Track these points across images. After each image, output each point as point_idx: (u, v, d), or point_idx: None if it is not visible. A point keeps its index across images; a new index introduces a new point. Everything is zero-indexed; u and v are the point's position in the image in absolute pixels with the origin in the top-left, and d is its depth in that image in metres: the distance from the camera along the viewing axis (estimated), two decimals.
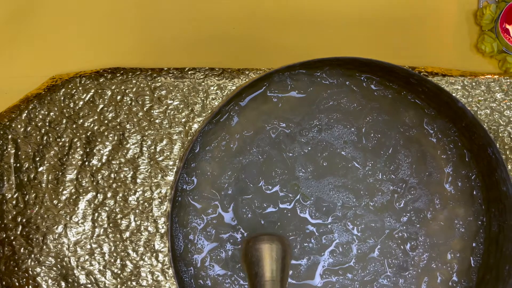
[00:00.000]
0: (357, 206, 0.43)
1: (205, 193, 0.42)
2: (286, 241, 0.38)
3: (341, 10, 0.52)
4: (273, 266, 0.36)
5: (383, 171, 0.43)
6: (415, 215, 0.43)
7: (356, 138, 0.43)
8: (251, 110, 0.43)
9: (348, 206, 0.43)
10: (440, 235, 0.43)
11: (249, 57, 0.51)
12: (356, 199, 0.43)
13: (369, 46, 0.52)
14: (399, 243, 0.43)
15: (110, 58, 0.51)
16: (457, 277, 0.43)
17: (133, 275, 0.45)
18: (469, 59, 0.52)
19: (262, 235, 0.38)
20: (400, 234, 0.43)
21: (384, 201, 0.43)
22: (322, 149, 0.43)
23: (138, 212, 0.46)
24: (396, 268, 0.43)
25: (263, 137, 0.43)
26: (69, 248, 0.46)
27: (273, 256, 0.36)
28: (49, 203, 0.46)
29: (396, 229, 0.43)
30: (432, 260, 0.43)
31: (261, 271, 0.35)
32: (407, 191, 0.43)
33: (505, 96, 0.48)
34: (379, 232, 0.43)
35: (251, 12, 0.52)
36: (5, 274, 0.45)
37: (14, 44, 0.51)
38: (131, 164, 0.47)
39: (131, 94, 0.47)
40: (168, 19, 0.52)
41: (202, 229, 0.42)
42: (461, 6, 0.52)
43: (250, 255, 0.37)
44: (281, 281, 0.35)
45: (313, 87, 0.44)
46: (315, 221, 0.42)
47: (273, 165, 0.43)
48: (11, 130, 0.47)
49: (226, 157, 0.43)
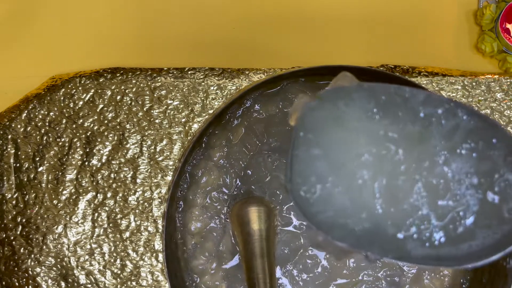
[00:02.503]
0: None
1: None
2: (271, 204, 0.44)
3: (341, 10, 0.52)
4: (261, 225, 0.41)
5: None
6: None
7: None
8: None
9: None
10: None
11: (249, 57, 0.51)
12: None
13: (369, 46, 0.52)
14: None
15: (110, 58, 0.51)
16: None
17: (133, 275, 0.45)
18: (469, 59, 0.52)
19: (250, 198, 0.43)
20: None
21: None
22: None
23: (138, 212, 0.46)
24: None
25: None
26: (69, 248, 0.46)
27: (261, 217, 0.41)
28: (49, 203, 0.46)
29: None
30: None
31: (252, 230, 0.40)
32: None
33: (505, 96, 0.48)
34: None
35: (251, 12, 0.52)
36: (5, 274, 0.45)
37: (14, 44, 0.51)
38: (131, 164, 0.47)
39: (131, 94, 0.47)
40: (168, 19, 0.52)
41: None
42: (461, 6, 0.52)
43: (241, 216, 0.41)
44: (267, 238, 0.40)
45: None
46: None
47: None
48: (11, 130, 0.47)
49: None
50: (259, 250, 0.40)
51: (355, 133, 0.27)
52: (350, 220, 0.26)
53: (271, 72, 0.47)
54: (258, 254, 0.40)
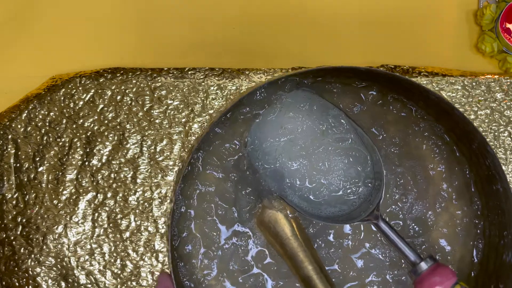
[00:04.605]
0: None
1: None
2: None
3: (341, 10, 0.52)
4: (289, 222, 0.42)
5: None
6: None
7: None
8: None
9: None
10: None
11: (249, 57, 0.51)
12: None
13: (369, 46, 0.52)
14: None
15: (110, 58, 0.51)
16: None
17: (133, 275, 0.45)
18: (469, 59, 0.52)
19: (272, 200, 0.43)
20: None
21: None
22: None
23: (138, 212, 0.46)
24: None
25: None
26: (69, 248, 0.46)
27: (287, 215, 0.42)
28: (49, 203, 0.46)
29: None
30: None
31: (282, 230, 0.42)
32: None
33: (505, 96, 0.48)
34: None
35: (251, 12, 0.52)
36: (5, 274, 0.45)
37: (14, 44, 0.51)
38: (131, 164, 0.47)
39: (131, 94, 0.47)
40: (168, 19, 0.52)
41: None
42: (461, 6, 0.52)
43: (267, 219, 0.42)
44: (300, 231, 0.42)
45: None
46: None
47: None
48: (11, 130, 0.47)
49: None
50: (297, 245, 0.41)
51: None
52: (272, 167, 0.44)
53: (271, 72, 0.47)
54: (299, 249, 0.41)
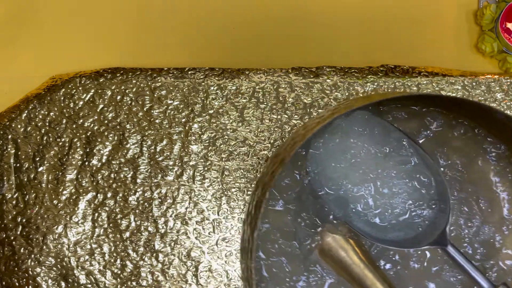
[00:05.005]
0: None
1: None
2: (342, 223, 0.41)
3: (341, 10, 0.52)
4: (355, 249, 0.38)
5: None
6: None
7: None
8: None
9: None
10: None
11: (249, 57, 0.51)
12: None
13: (369, 46, 0.52)
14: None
15: (110, 58, 0.51)
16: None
17: (133, 275, 0.45)
18: (469, 59, 0.52)
19: (335, 226, 0.40)
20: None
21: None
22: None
23: (138, 212, 0.46)
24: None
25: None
26: (69, 248, 0.46)
27: (349, 240, 0.38)
28: (49, 203, 0.46)
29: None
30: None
31: (345, 256, 0.38)
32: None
33: (505, 96, 0.48)
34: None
35: (252, 12, 0.52)
36: (5, 274, 0.45)
37: (14, 44, 0.51)
38: (131, 164, 0.47)
39: (131, 94, 0.47)
40: (168, 19, 0.52)
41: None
42: (461, 6, 0.52)
43: (327, 247, 0.38)
44: (367, 258, 0.38)
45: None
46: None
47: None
48: (11, 130, 0.47)
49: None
50: (363, 268, 0.37)
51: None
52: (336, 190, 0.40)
53: (271, 72, 0.47)
54: (366, 271, 0.37)
